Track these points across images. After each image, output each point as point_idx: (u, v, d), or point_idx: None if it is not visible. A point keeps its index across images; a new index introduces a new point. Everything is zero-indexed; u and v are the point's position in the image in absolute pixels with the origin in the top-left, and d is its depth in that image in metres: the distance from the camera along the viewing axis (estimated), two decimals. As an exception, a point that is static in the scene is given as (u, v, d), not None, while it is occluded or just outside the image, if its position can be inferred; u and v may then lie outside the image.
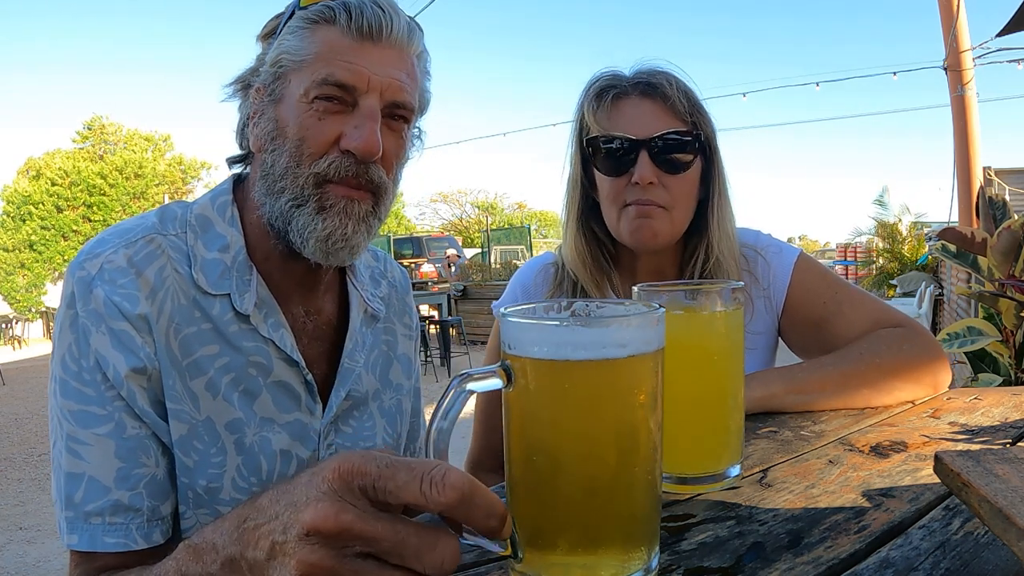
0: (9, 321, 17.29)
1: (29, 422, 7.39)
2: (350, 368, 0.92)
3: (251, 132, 0.85)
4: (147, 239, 0.80)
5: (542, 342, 0.44)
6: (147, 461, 0.75)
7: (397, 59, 0.82)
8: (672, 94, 1.02)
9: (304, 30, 0.81)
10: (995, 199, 3.79)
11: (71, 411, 0.74)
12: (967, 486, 0.45)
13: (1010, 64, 7.90)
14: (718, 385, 0.66)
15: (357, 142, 0.78)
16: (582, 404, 0.45)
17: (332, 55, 0.79)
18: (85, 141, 23.98)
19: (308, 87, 0.79)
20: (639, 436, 0.46)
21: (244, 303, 0.82)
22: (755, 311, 1.12)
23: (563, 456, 0.46)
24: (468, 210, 34.49)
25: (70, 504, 0.72)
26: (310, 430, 0.87)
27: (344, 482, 0.40)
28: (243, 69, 0.88)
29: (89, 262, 0.77)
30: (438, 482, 0.39)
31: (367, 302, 0.97)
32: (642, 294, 0.66)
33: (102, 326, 0.75)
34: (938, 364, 0.96)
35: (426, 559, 0.38)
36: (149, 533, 0.74)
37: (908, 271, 10.72)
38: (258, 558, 0.42)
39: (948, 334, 2.85)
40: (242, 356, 0.82)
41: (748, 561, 0.50)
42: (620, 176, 1.05)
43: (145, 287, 0.77)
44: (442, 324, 9.12)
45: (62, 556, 3.66)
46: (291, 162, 0.80)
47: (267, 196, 0.82)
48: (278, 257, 0.86)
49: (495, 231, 19.37)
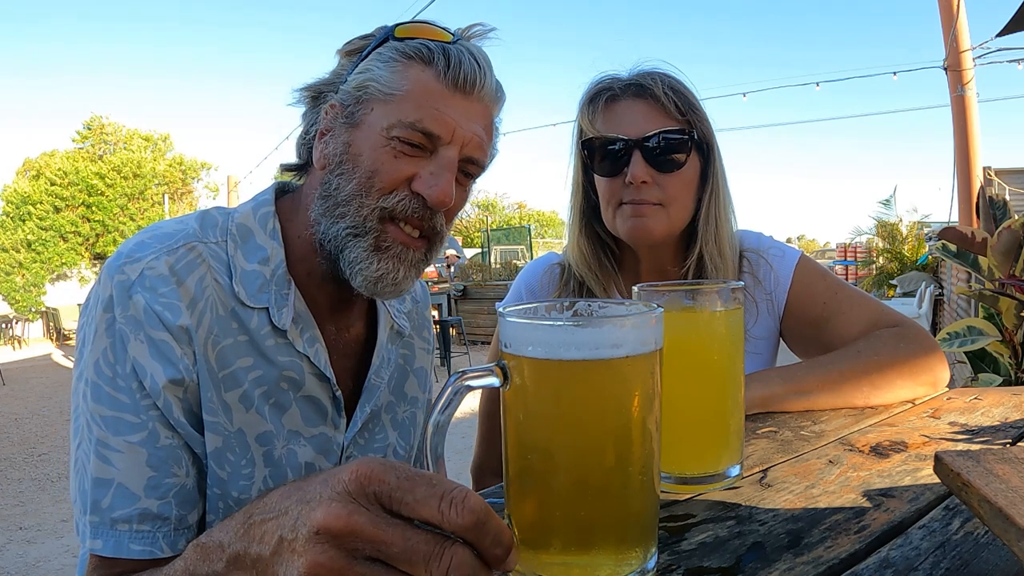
0: (9, 321, 17.28)
1: (29, 422, 7.39)
2: (376, 384, 0.93)
3: (317, 148, 0.83)
4: (188, 247, 0.79)
5: (537, 341, 0.44)
6: (178, 471, 0.75)
7: (481, 115, 0.83)
8: (664, 94, 1.03)
9: (397, 63, 0.80)
10: (995, 199, 3.80)
11: (103, 416, 0.73)
12: (967, 486, 0.45)
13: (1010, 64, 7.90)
14: (718, 385, 0.66)
15: (433, 190, 0.78)
16: (576, 404, 0.45)
17: (423, 99, 0.78)
18: (84, 141, 23.97)
19: (392, 124, 0.78)
20: (633, 436, 0.46)
21: (282, 318, 0.81)
22: (758, 314, 1.12)
23: (558, 455, 0.46)
24: (468, 210, 34.49)
25: (96, 509, 0.72)
26: (334, 444, 0.88)
27: (360, 486, 0.40)
28: (316, 78, 0.88)
29: (129, 266, 0.75)
30: (458, 503, 0.39)
31: (394, 319, 0.98)
32: (642, 294, 0.66)
33: (141, 334, 0.73)
34: (936, 361, 0.96)
35: (434, 567, 0.38)
36: (175, 542, 0.73)
37: (908, 271, 10.72)
38: (262, 553, 0.42)
39: (948, 334, 2.86)
40: (276, 370, 0.82)
41: (748, 561, 0.50)
42: (615, 176, 1.06)
43: (186, 297, 0.76)
44: (442, 324, 9.12)
45: (62, 556, 3.66)
46: (357, 191, 0.79)
47: (325, 217, 0.81)
48: (319, 275, 0.86)
49: (495, 231, 19.37)
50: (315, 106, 0.87)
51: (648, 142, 1.03)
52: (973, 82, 7.33)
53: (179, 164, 24.74)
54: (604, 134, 1.05)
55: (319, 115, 0.85)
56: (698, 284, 0.72)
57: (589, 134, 1.08)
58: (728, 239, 1.10)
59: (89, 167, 21.83)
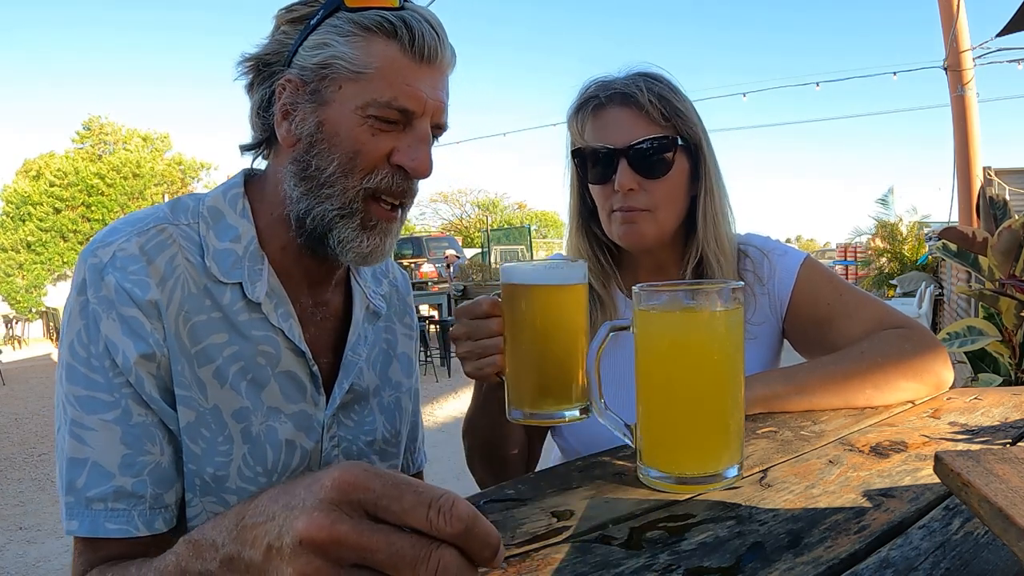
0: (9, 321, 17.29)
1: (29, 422, 7.39)
2: (353, 360, 0.93)
3: (282, 126, 0.83)
4: (158, 228, 0.81)
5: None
6: (152, 448, 0.76)
7: (442, 81, 0.85)
8: (648, 102, 1.04)
9: (358, 37, 0.80)
10: (995, 199, 3.80)
11: (77, 396, 0.74)
12: (967, 486, 0.45)
13: (1010, 64, 7.91)
14: (718, 385, 0.66)
15: (415, 163, 0.82)
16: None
17: (394, 76, 0.80)
18: (83, 142, 23.97)
19: (367, 102, 0.79)
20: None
21: (256, 291, 0.83)
22: (757, 307, 1.13)
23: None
24: (468, 210, 34.54)
25: (71, 489, 0.72)
26: (314, 421, 0.88)
27: (343, 493, 0.39)
28: (258, 46, 0.86)
29: (101, 250, 0.77)
30: (446, 511, 0.38)
31: (369, 299, 0.99)
32: (642, 294, 0.67)
33: (112, 312, 0.75)
34: (940, 362, 0.96)
35: (422, 570, 0.38)
36: (151, 520, 0.74)
37: (908, 271, 10.72)
38: (255, 559, 0.42)
39: (948, 334, 2.86)
40: (251, 345, 0.83)
41: (748, 561, 0.50)
42: (605, 184, 1.08)
43: (155, 274, 0.78)
44: (442, 324, 9.12)
45: (62, 556, 3.66)
46: (340, 172, 0.81)
47: (307, 197, 0.82)
48: (294, 250, 0.87)
49: (495, 231, 19.39)
50: (263, 79, 0.85)
51: (634, 150, 1.04)
52: (973, 82, 7.34)
53: (178, 164, 24.75)
54: (591, 144, 1.07)
55: (271, 89, 0.84)
56: (698, 284, 0.72)
57: (578, 144, 1.10)
58: (726, 234, 1.11)
59: (89, 167, 21.84)
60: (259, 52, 0.86)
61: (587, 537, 0.55)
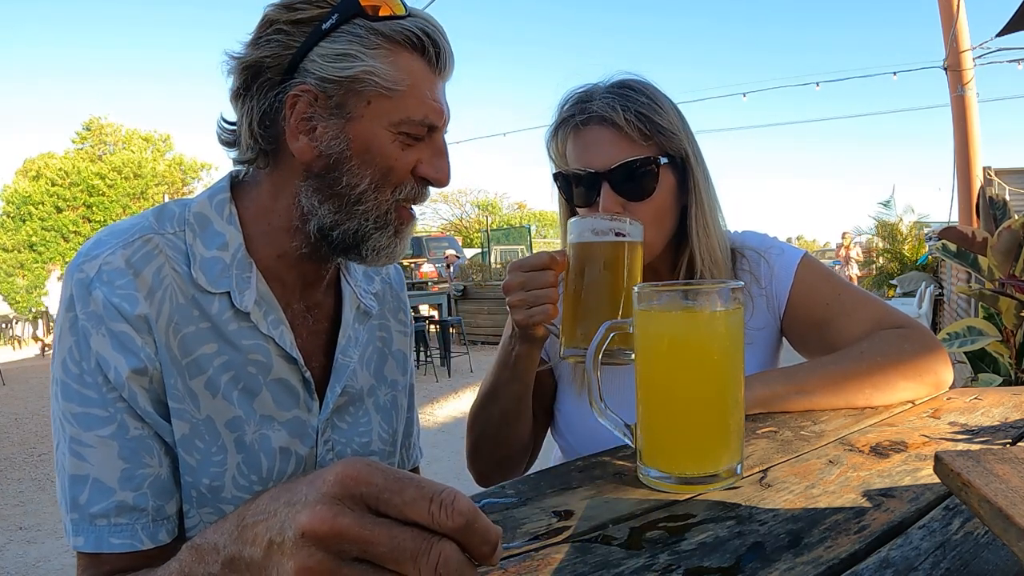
0: (9, 321, 17.28)
1: (29, 422, 7.39)
2: (344, 364, 0.92)
3: (299, 139, 0.79)
4: (144, 239, 0.79)
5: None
6: (150, 461, 0.75)
7: (445, 88, 0.86)
8: (626, 121, 1.00)
9: (386, 51, 0.78)
10: (995, 199, 3.80)
11: (73, 413, 0.74)
12: (967, 486, 0.45)
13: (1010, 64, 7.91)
14: (718, 385, 0.66)
15: (440, 175, 0.85)
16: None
17: (424, 93, 0.81)
18: (84, 142, 23.97)
19: (401, 120, 0.79)
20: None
21: (244, 300, 0.82)
22: (755, 308, 1.12)
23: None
24: (468, 210, 34.49)
25: (75, 506, 0.72)
26: (308, 427, 0.88)
27: (345, 487, 0.40)
28: (249, 47, 0.80)
29: (87, 264, 0.76)
30: (448, 506, 0.39)
31: (359, 299, 0.98)
32: (642, 294, 0.67)
33: (102, 328, 0.74)
34: (940, 362, 0.96)
35: (422, 563, 0.38)
36: (155, 533, 0.74)
37: (908, 271, 10.72)
38: (255, 556, 0.42)
39: (948, 334, 2.86)
40: (241, 354, 0.82)
41: (748, 561, 0.50)
42: (589, 206, 1.05)
43: (143, 287, 0.76)
44: (442, 324, 9.11)
45: (62, 556, 3.66)
46: (372, 188, 0.81)
47: (337, 214, 0.82)
48: (293, 257, 0.86)
49: (495, 231, 19.37)
50: (262, 86, 0.79)
51: (615, 173, 1.01)
52: (973, 82, 7.34)
53: (179, 164, 24.75)
54: (572, 168, 1.05)
55: (278, 99, 0.79)
56: (698, 284, 0.73)
57: (559, 166, 1.08)
58: (718, 240, 1.09)
59: (89, 167, 21.84)
60: (253, 55, 0.79)
61: (587, 537, 0.55)
